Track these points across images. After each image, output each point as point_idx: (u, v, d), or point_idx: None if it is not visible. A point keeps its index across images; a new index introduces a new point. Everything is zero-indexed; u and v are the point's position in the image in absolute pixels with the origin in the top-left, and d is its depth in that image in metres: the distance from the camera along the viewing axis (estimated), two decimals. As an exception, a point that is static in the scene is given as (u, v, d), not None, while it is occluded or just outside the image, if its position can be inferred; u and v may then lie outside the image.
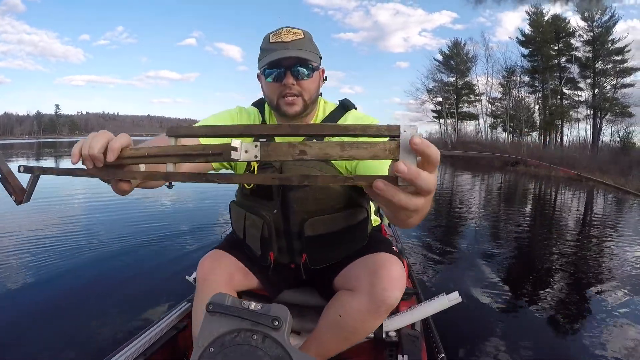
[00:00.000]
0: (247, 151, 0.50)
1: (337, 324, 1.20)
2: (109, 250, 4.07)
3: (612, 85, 28.76)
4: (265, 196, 1.28)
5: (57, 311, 2.69)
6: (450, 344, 2.31)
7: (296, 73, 1.17)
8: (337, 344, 1.25)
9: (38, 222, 5.32)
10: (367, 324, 1.18)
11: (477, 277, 3.55)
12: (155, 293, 2.99)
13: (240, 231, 1.38)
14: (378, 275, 1.12)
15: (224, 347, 0.78)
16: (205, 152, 0.55)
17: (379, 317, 1.16)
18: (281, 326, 0.78)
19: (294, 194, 1.24)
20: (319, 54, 1.27)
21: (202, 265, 1.33)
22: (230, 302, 0.80)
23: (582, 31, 29.51)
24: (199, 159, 0.56)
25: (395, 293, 1.11)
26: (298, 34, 1.19)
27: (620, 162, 19.78)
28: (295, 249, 1.33)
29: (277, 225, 1.29)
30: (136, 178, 0.63)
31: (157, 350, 1.41)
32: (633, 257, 4.52)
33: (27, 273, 3.34)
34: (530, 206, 9.44)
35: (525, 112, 33.31)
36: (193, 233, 4.84)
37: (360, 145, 0.47)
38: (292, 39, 1.17)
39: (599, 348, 2.38)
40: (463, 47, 38.63)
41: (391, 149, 0.47)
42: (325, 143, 0.47)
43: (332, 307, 1.24)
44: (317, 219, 1.25)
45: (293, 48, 1.16)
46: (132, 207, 6.42)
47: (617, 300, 3.16)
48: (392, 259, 1.17)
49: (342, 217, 1.27)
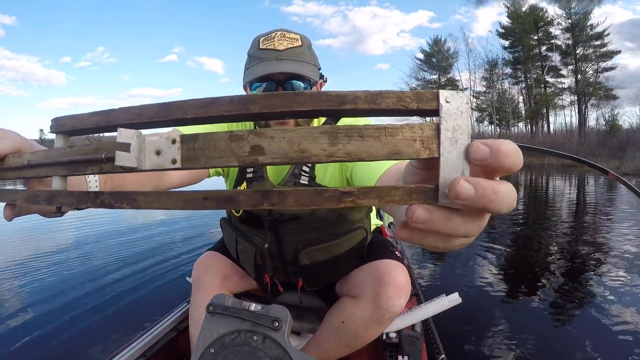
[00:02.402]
0: (159, 152, 0.30)
1: (339, 330, 1.18)
2: (109, 250, 4.05)
3: (594, 70, 29.20)
4: (256, 224, 1.18)
5: (56, 315, 2.68)
6: (451, 345, 2.32)
7: (290, 89, 1.00)
8: (338, 349, 1.22)
9: (25, 234, 5.28)
10: (370, 331, 1.15)
11: (477, 277, 3.55)
12: (155, 294, 2.99)
13: (233, 252, 1.31)
14: (383, 283, 1.07)
15: (224, 347, 0.77)
16: (97, 156, 0.34)
17: (382, 324, 1.12)
18: (281, 327, 0.78)
19: (285, 225, 1.14)
20: (318, 65, 1.12)
21: (196, 266, 1.32)
22: (230, 303, 0.80)
23: (561, 19, 30.02)
24: (90, 167, 0.35)
25: (401, 301, 1.07)
26: (294, 39, 1.03)
27: (609, 144, 20.07)
28: (290, 272, 1.26)
29: (271, 252, 1.20)
30: (15, 200, 0.42)
31: (157, 351, 1.41)
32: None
33: (24, 279, 3.33)
34: (549, 193, 9.50)
35: (511, 103, 33.69)
36: (194, 234, 4.82)
37: (367, 132, 0.27)
38: (286, 47, 1.01)
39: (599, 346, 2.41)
40: (443, 44, 39.05)
41: (426, 139, 0.28)
42: (303, 129, 0.27)
43: (335, 313, 1.21)
44: (313, 249, 1.15)
45: (287, 59, 1.00)
46: (129, 211, 6.40)
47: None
48: (397, 267, 1.12)
49: (341, 242, 1.17)
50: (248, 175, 1.15)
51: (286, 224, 1.12)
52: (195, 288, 1.29)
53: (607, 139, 22.20)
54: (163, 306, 2.62)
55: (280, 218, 1.11)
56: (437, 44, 39.35)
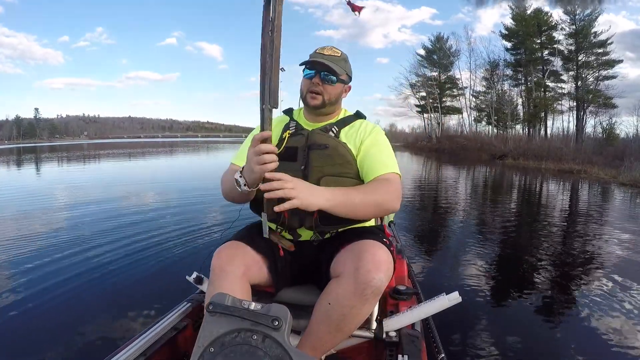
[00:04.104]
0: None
1: (327, 313, 1.21)
2: (108, 253, 4.00)
3: (595, 77, 29.24)
4: (291, 158, 1.43)
5: (55, 315, 2.68)
6: (451, 344, 2.33)
7: (323, 76, 1.46)
8: (331, 335, 1.24)
9: (24, 228, 5.25)
10: (356, 310, 1.18)
11: (477, 276, 3.56)
12: (155, 294, 2.98)
13: (260, 197, 1.39)
14: (362, 258, 1.16)
15: (224, 347, 0.77)
16: None
17: (365, 301, 1.16)
18: (281, 326, 0.78)
19: (316, 154, 1.42)
20: (349, 74, 1.56)
21: (218, 255, 1.33)
22: (230, 302, 0.79)
23: (565, 24, 29.98)
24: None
25: (380, 275, 1.14)
26: (337, 52, 1.51)
27: (606, 153, 20.16)
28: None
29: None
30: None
31: (157, 350, 1.40)
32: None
33: (22, 279, 3.30)
34: (544, 198, 9.54)
35: (510, 105, 33.75)
36: (193, 235, 4.81)
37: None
38: (330, 54, 1.48)
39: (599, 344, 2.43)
40: (445, 42, 38.98)
41: None
42: None
43: (323, 297, 1.25)
44: (332, 179, 1.39)
45: (327, 60, 1.45)
46: (130, 210, 6.42)
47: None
48: (376, 245, 1.22)
49: (353, 183, 1.41)
50: (292, 128, 1.53)
51: (317, 150, 1.42)
52: (216, 277, 1.29)
53: (603, 147, 22.29)
54: (163, 306, 2.63)
55: (314, 144, 1.43)
56: (440, 41, 39.31)
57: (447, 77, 39.88)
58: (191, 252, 4.02)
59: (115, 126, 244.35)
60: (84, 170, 15.63)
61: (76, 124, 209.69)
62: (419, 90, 41.60)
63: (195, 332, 1.58)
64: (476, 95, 37.75)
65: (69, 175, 14.04)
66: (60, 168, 17.01)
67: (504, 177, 15.15)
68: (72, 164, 19.54)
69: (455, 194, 9.48)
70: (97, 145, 56.78)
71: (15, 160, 21.98)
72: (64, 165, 18.83)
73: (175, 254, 3.97)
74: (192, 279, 1.74)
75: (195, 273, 1.76)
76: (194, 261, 3.59)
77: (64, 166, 18.04)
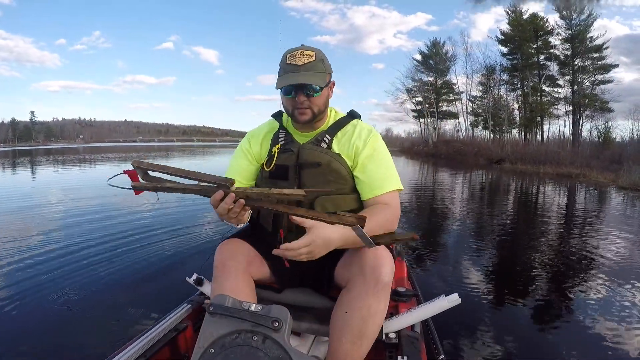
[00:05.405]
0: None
1: (346, 322, 1.20)
2: (108, 254, 4.02)
3: (591, 82, 29.42)
4: (282, 177, 1.41)
5: (55, 316, 2.68)
6: (450, 345, 2.33)
7: (306, 91, 1.35)
8: (356, 345, 1.20)
9: (24, 228, 5.25)
10: (373, 309, 1.19)
11: (477, 278, 3.57)
12: (155, 295, 2.99)
13: (255, 212, 1.45)
14: (364, 258, 1.21)
15: (225, 348, 0.76)
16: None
17: (379, 297, 1.19)
18: (281, 327, 0.78)
19: (308, 174, 1.39)
20: (329, 71, 1.42)
21: (221, 251, 1.37)
22: (230, 303, 0.79)
23: (561, 29, 30.19)
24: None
25: (386, 269, 1.19)
26: (310, 56, 1.35)
27: (603, 156, 20.26)
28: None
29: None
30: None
31: (157, 351, 1.40)
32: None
33: (22, 280, 3.30)
34: (541, 202, 9.57)
35: (506, 109, 33.88)
36: (192, 236, 4.81)
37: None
38: (304, 62, 1.33)
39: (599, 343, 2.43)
40: (442, 47, 39.15)
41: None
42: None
43: (336, 312, 1.25)
44: (327, 197, 1.37)
45: (304, 71, 1.33)
46: (130, 211, 6.45)
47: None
48: (377, 247, 1.23)
49: (349, 199, 1.40)
50: (281, 140, 1.47)
51: (309, 169, 1.38)
52: (219, 272, 1.33)
53: (600, 151, 22.41)
54: (163, 306, 2.62)
55: (305, 163, 1.38)
56: (436, 46, 39.48)
57: (444, 82, 40.02)
58: (191, 254, 4.02)
59: (112, 130, 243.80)
60: (80, 172, 15.69)
61: (72, 127, 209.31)
62: (415, 95, 41.74)
63: (195, 333, 1.58)
64: (472, 100, 37.91)
65: (68, 175, 14.14)
66: (55, 171, 16.99)
67: (502, 181, 15.16)
68: (67, 166, 19.51)
69: (453, 199, 9.48)
70: (93, 149, 56.77)
71: (11, 164, 21.91)
72: (59, 168, 18.79)
73: (175, 256, 3.97)
74: (192, 281, 1.76)
75: (195, 274, 1.77)
76: (193, 263, 3.60)
77: (59, 169, 18.01)
